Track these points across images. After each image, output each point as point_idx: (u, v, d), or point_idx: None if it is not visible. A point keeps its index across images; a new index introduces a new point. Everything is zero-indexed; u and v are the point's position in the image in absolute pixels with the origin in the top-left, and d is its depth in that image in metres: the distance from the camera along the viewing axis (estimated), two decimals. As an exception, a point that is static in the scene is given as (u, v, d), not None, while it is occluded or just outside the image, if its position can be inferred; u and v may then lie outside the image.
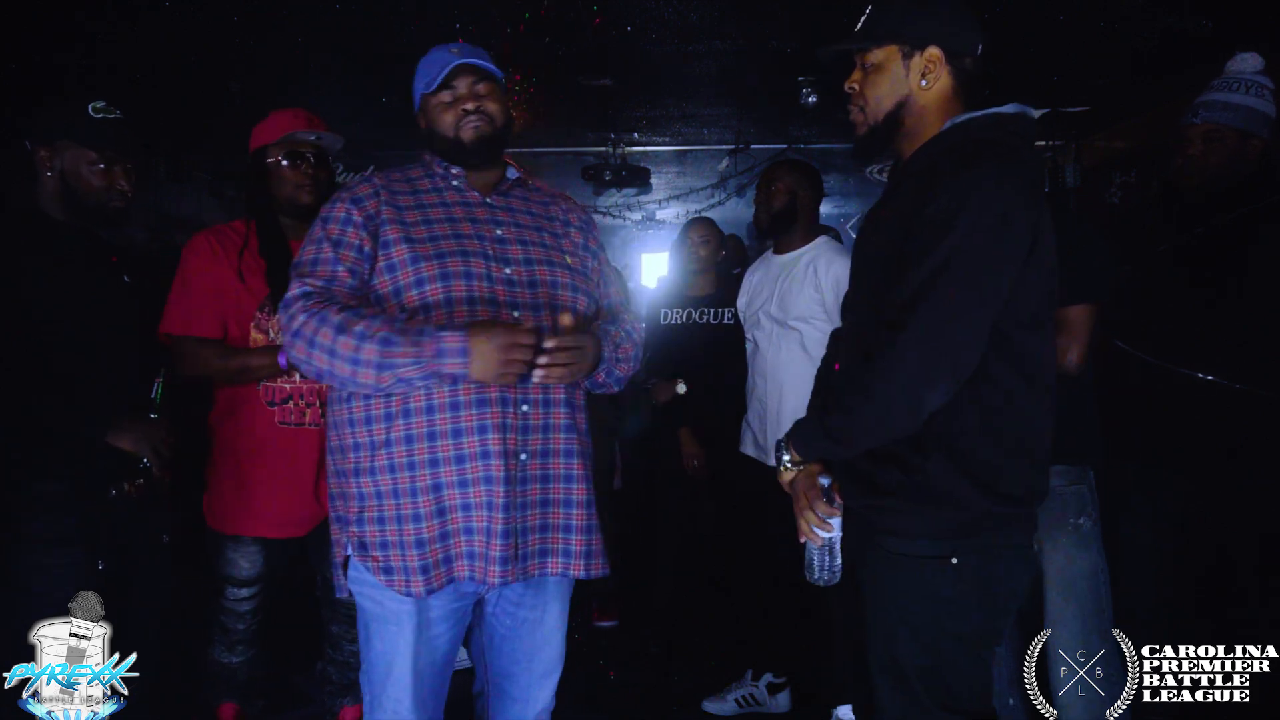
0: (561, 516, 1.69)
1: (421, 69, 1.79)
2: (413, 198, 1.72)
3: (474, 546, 1.61)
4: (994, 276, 1.38)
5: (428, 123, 1.78)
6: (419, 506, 1.61)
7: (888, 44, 1.53)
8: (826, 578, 1.60)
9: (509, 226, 1.75)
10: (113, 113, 2.00)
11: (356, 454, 1.66)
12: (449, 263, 1.63)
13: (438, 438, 1.60)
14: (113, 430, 1.94)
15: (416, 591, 1.61)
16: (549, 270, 1.73)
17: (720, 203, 7.48)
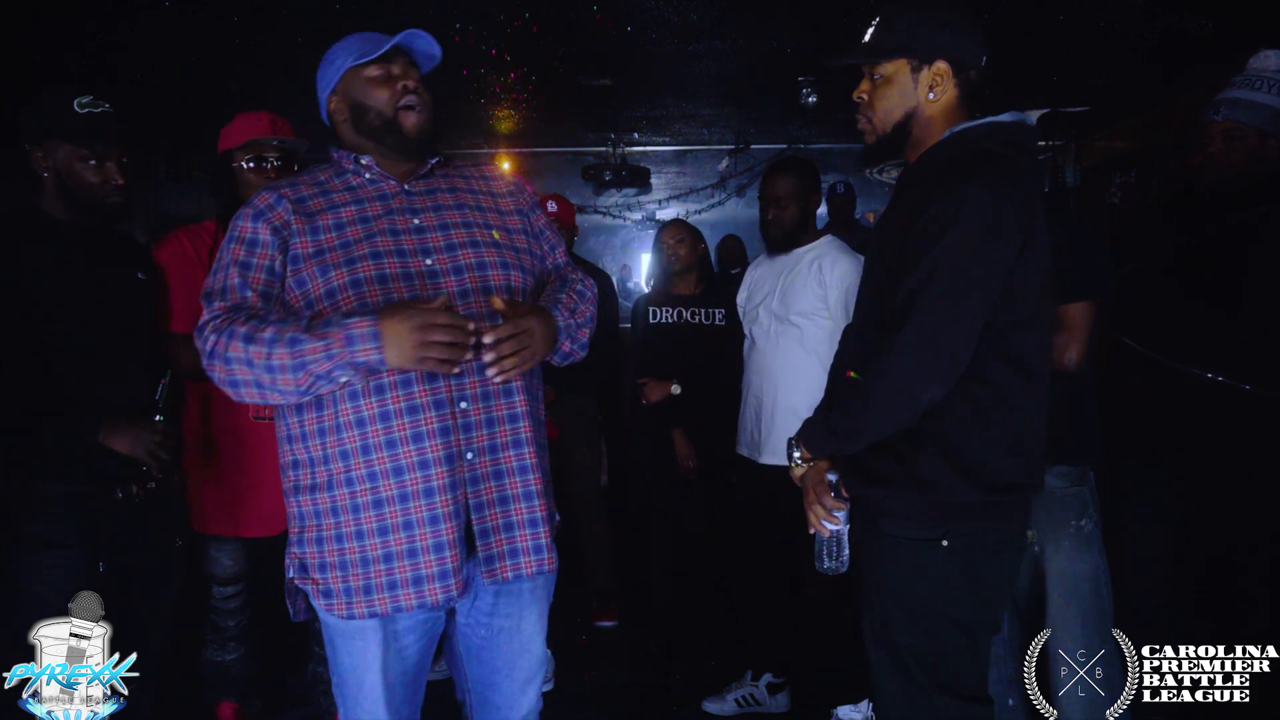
0: (525, 511, 1.61)
1: (345, 44, 1.70)
2: (323, 199, 1.62)
3: (420, 570, 1.53)
4: (984, 280, 1.45)
5: (351, 99, 1.66)
6: (361, 523, 1.54)
7: (897, 58, 1.58)
8: (834, 567, 1.69)
9: (428, 213, 1.64)
10: (99, 106, 1.97)
11: (296, 472, 1.60)
12: (359, 268, 1.54)
13: (372, 450, 1.52)
14: (106, 433, 1.93)
15: (359, 614, 1.55)
16: (474, 252, 1.62)
17: (720, 203, 7.48)
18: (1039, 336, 1.58)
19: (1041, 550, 2.07)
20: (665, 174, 7.38)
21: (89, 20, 3.40)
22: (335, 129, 1.72)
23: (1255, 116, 2.15)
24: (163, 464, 1.99)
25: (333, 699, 2.57)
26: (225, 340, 1.48)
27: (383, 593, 1.54)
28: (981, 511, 1.54)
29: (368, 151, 1.68)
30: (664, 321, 3.42)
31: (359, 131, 1.67)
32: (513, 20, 3.65)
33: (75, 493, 1.94)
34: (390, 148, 1.66)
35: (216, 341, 1.49)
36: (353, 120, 1.67)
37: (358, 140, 1.68)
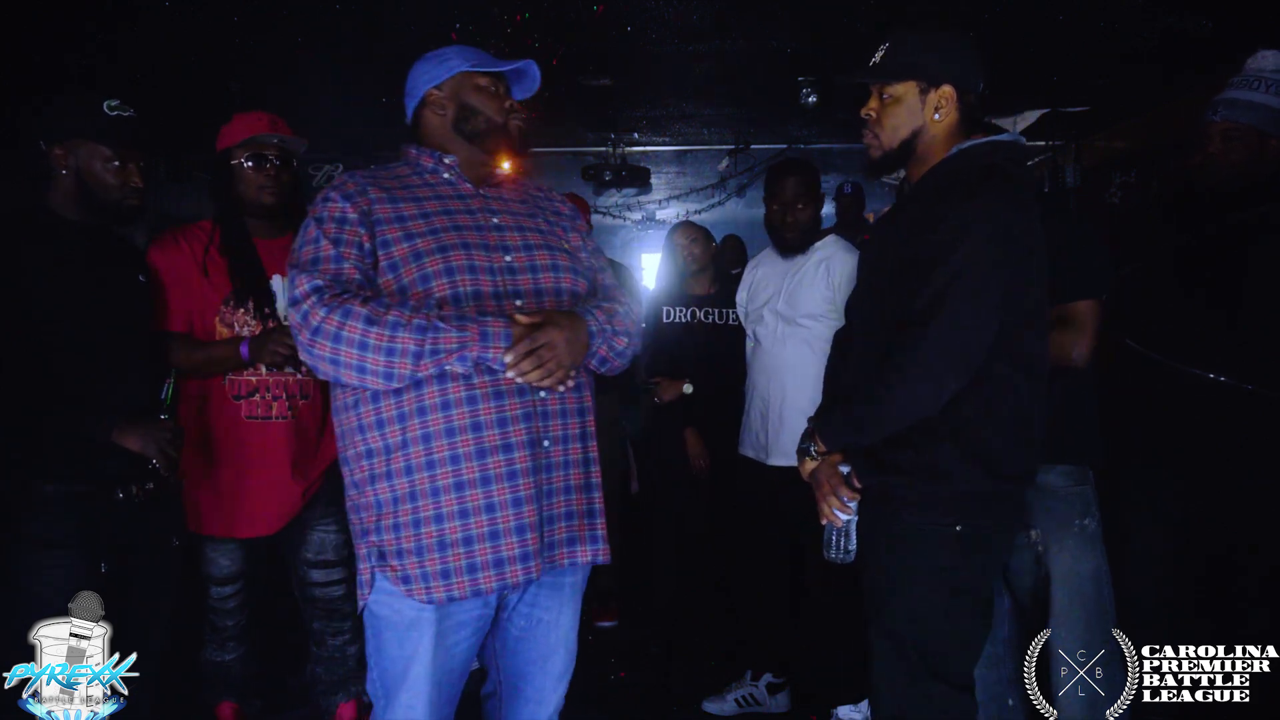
0: (584, 502, 1.69)
1: (460, 49, 1.77)
2: (405, 192, 1.69)
3: (500, 552, 1.57)
4: (1000, 282, 1.58)
5: (459, 100, 1.75)
6: (441, 507, 1.56)
7: (908, 80, 1.69)
8: (842, 557, 1.78)
9: (505, 214, 1.74)
10: (126, 110, 2.01)
11: (370, 460, 1.62)
12: (451, 256, 1.61)
13: (456, 433, 1.56)
14: (118, 431, 1.93)
15: (438, 598, 1.57)
16: (548, 254, 1.72)
17: (720, 203, 7.48)
18: (1038, 336, 1.69)
19: (1045, 550, 2.07)
20: (665, 174, 7.38)
21: (89, 20, 3.40)
22: (423, 121, 1.79)
23: (1254, 116, 2.16)
24: (171, 462, 2.00)
25: (331, 697, 2.62)
26: (340, 319, 1.50)
27: (461, 576, 1.57)
28: (990, 500, 1.65)
29: (455, 151, 1.76)
30: (677, 321, 3.42)
31: (456, 130, 1.76)
32: (512, 19, 3.65)
33: (75, 493, 1.94)
34: (490, 150, 1.77)
35: (327, 318, 1.50)
36: (455, 118, 1.75)
37: (449, 137, 1.76)
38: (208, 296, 2.31)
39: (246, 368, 2.31)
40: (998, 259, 1.57)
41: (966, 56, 1.72)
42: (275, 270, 2.37)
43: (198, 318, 2.32)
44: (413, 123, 1.82)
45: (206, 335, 2.32)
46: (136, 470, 1.99)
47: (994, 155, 1.67)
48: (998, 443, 1.63)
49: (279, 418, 2.35)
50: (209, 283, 2.31)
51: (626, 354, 1.76)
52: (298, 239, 1.65)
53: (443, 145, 1.77)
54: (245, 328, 2.31)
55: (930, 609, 1.66)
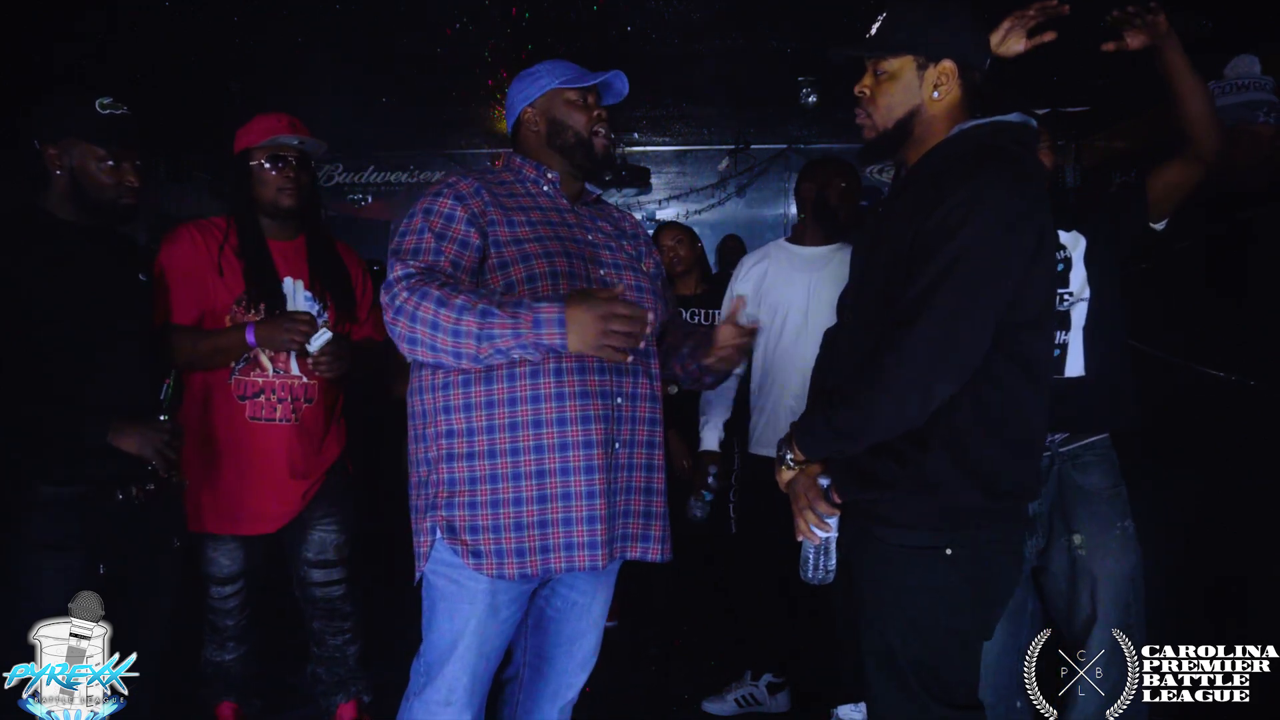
0: (643, 503, 1.78)
1: (551, 65, 1.85)
2: (512, 199, 1.78)
3: (572, 537, 1.66)
4: (999, 277, 1.42)
5: (550, 116, 1.83)
6: (521, 490, 1.65)
7: (904, 54, 1.54)
8: (821, 576, 1.63)
9: (596, 232, 1.84)
10: (120, 108, 1.98)
11: (450, 440, 1.69)
12: (556, 261, 1.70)
13: (543, 425, 1.65)
14: (114, 432, 1.93)
15: (509, 574, 1.65)
16: (634, 275, 1.83)
17: (720, 203, 7.48)
18: (1043, 339, 1.55)
19: (1089, 554, 2.02)
20: (665, 174, 7.38)
21: (89, 20, 3.40)
22: (521, 138, 1.88)
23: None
24: (170, 463, 1.99)
25: (331, 697, 2.61)
26: (417, 299, 1.57)
27: (535, 555, 1.66)
28: (985, 517, 1.50)
29: (553, 166, 1.84)
30: None
31: (550, 145, 1.84)
32: (513, 19, 3.66)
33: (75, 494, 1.93)
34: (577, 164, 1.84)
35: (408, 299, 1.57)
36: (547, 134, 1.83)
37: (545, 153, 1.85)
38: (221, 295, 2.31)
39: (250, 354, 2.31)
40: (997, 250, 1.41)
41: (971, 30, 1.56)
42: (288, 272, 2.37)
43: (209, 315, 2.32)
44: (513, 140, 1.91)
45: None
46: (136, 471, 1.99)
47: (998, 137, 1.51)
48: (996, 454, 1.47)
49: (283, 420, 2.36)
50: (223, 282, 2.31)
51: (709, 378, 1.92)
52: (401, 227, 1.72)
53: (541, 160, 1.85)
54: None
55: (924, 634, 1.51)
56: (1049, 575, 2.07)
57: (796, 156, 6.36)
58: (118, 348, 2.01)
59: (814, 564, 1.63)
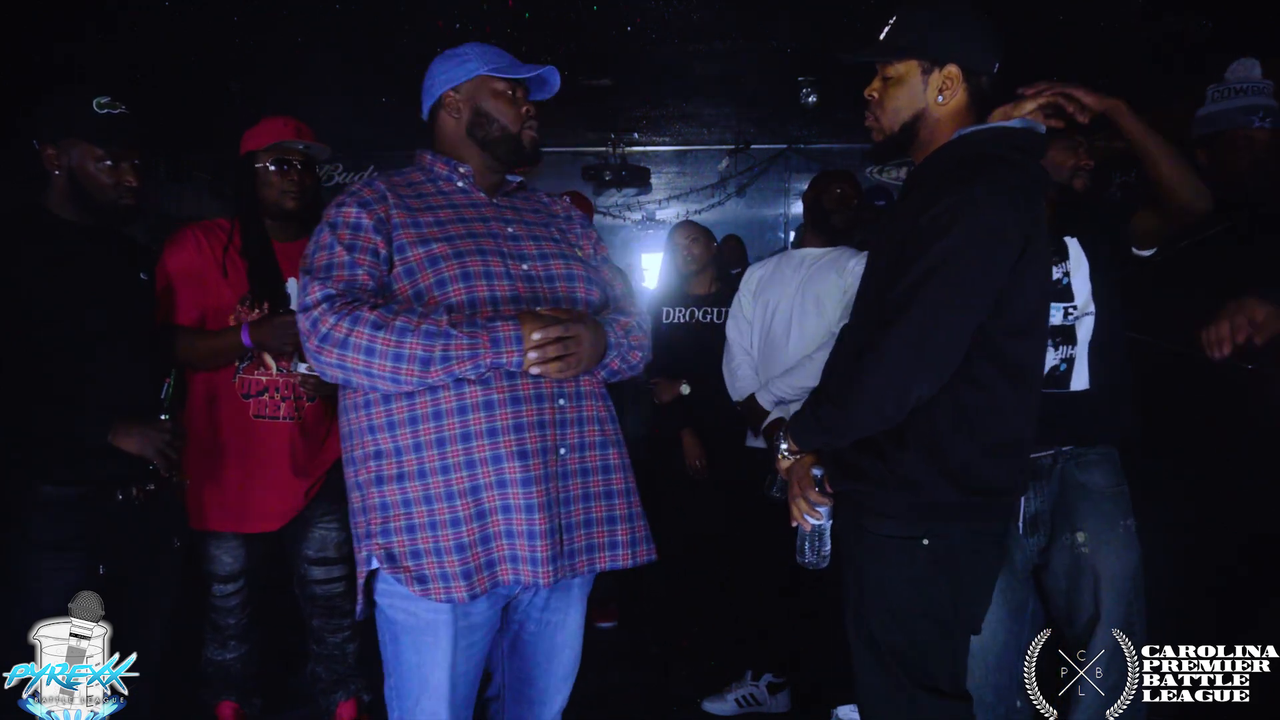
0: (604, 509, 1.67)
1: (481, 49, 1.73)
2: (419, 200, 1.67)
3: (516, 550, 1.56)
4: (980, 282, 1.46)
5: (474, 106, 1.72)
6: (457, 510, 1.55)
7: (909, 58, 1.57)
8: (815, 561, 1.72)
9: (519, 224, 1.72)
10: (117, 107, 1.98)
11: (379, 461, 1.59)
12: (469, 262, 1.60)
13: (472, 439, 1.55)
14: (115, 432, 1.93)
15: (459, 597, 1.55)
16: (563, 263, 1.71)
17: (720, 203, 7.48)
18: (1035, 344, 1.59)
19: (1093, 552, 2.01)
20: (665, 174, 7.39)
21: (89, 20, 3.41)
22: (438, 122, 1.76)
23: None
24: (171, 462, 1.99)
25: (330, 696, 2.61)
26: (348, 325, 1.49)
27: (481, 573, 1.56)
28: (961, 512, 1.54)
29: (468, 158, 1.73)
30: (677, 321, 3.41)
31: (470, 135, 1.73)
32: (513, 19, 3.66)
33: (76, 495, 1.93)
34: (501, 158, 1.74)
35: (336, 325, 1.49)
36: (469, 124, 1.72)
37: (463, 143, 1.74)
38: (225, 295, 2.33)
39: (249, 354, 2.33)
40: (981, 255, 1.44)
41: (977, 34, 1.58)
42: (291, 273, 2.39)
43: (213, 315, 2.34)
44: (428, 123, 1.79)
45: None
46: (136, 471, 1.99)
47: (996, 143, 1.54)
48: (973, 455, 1.51)
49: (286, 418, 2.38)
50: (227, 282, 2.33)
51: (638, 368, 1.76)
52: (311, 243, 1.63)
53: (456, 150, 1.74)
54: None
55: (906, 622, 1.57)
56: (1050, 574, 2.07)
57: (796, 156, 6.37)
58: (118, 347, 2.01)
59: (809, 549, 1.72)
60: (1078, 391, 2.01)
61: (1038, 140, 1.60)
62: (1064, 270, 2.01)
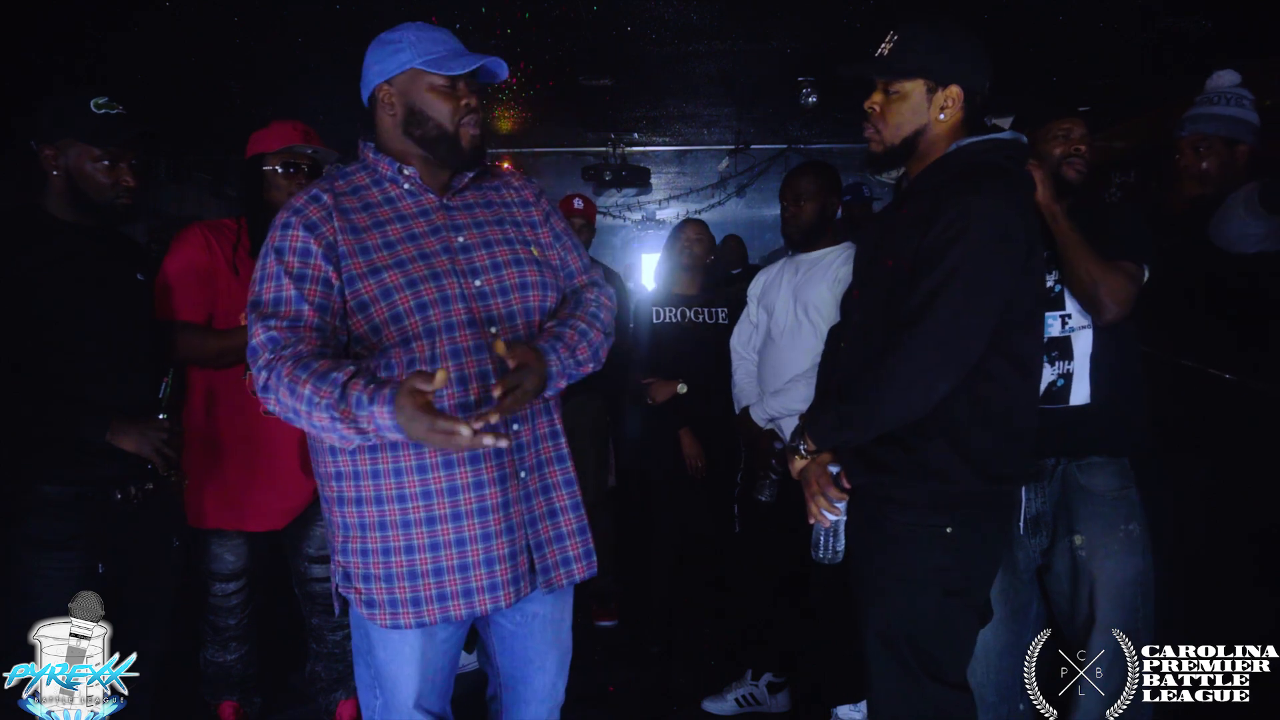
0: (575, 521, 1.71)
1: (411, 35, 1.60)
2: (366, 214, 1.59)
3: (470, 583, 1.57)
4: (994, 284, 1.56)
5: (406, 102, 1.60)
6: (412, 538, 1.56)
7: (916, 78, 1.66)
8: (830, 556, 1.79)
9: (470, 230, 1.64)
10: (115, 108, 1.99)
11: (339, 483, 1.59)
12: (423, 290, 1.54)
13: (429, 470, 1.55)
14: (112, 431, 1.93)
15: (406, 623, 1.57)
16: (518, 271, 1.65)
17: (720, 203, 7.49)
18: (1034, 338, 1.68)
19: (1090, 556, 2.00)
20: (665, 174, 7.39)
21: (89, 21, 3.40)
22: (376, 118, 1.65)
23: (1219, 127, 2.37)
24: (168, 461, 2.00)
25: (331, 695, 2.62)
26: (275, 380, 1.45)
27: (432, 605, 1.57)
28: (982, 500, 1.64)
29: (409, 157, 1.64)
30: (668, 321, 3.42)
31: (407, 134, 1.62)
32: (513, 19, 3.66)
33: (74, 494, 1.94)
34: (440, 158, 1.63)
35: (268, 378, 1.46)
36: (404, 121, 1.61)
37: (400, 141, 1.63)
38: (237, 292, 2.34)
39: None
40: (995, 258, 1.55)
41: (976, 56, 1.68)
42: None
43: (224, 312, 2.35)
44: (368, 116, 1.67)
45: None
46: (135, 471, 1.99)
47: (994, 153, 1.65)
48: (989, 443, 1.61)
49: None
50: (239, 281, 2.35)
51: (591, 364, 1.69)
52: (257, 270, 1.56)
53: (397, 147, 1.64)
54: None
55: (924, 610, 1.64)
56: (1052, 575, 2.07)
57: (796, 156, 6.36)
58: (116, 347, 2.01)
59: (824, 545, 1.78)
60: (1078, 406, 1.99)
61: (1024, 150, 1.73)
62: (1056, 277, 1.99)
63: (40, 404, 1.91)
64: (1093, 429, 1.99)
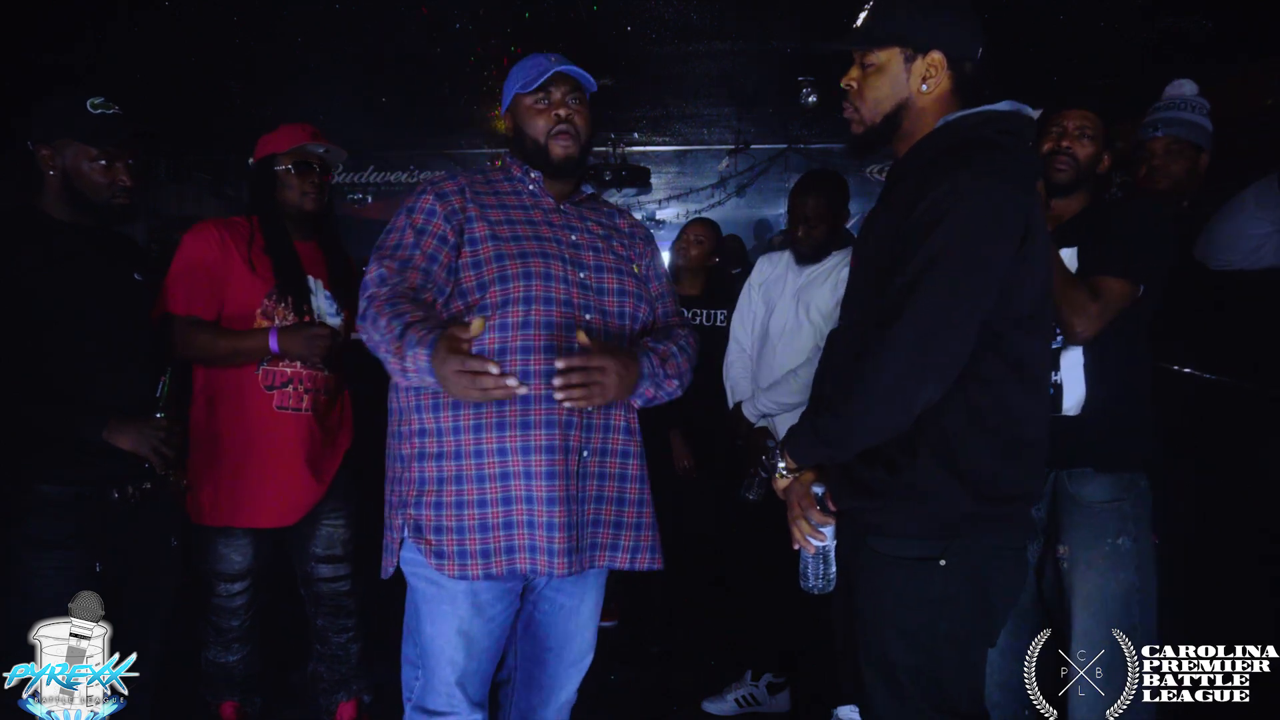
0: (614, 514, 1.74)
1: (518, 69, 1.82)
2: (495, 197, 1.77)
3: (535, 540, 1.64)
4: (983, 271, 1.36)
5: (515, 123, 1.81)
6: (485, 492, 1.65)
7: (890, 46, 1.48)
8: (821, 585, 1.60)
9: (582, 233, 1.80)
10: (111, 108, 1.99)
11: (422, 439, 1.69)
12: (532, 262, 1.68)
13: (506, 428, 1.64)
14: (109, 430, 1.93)
15: (474, 574, 1.63)
16: (618, 279, 1.78)
17: (720, 203, 7.49)
18: (1039, 338, 1.49)
19: (1071, 567, 1.97)
20: (665, 174, 7.39)
21: (88, 21, 3.41)
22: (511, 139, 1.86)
23: (1189, 133, 2.38)
24: (166, 460, 1.99)
25: (332, 696, 2.61)
26: (368, 309, 1.60)
27: (499, 556, 1.64)
28: (981, 524, 1.44)
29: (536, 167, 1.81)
30: None
31: (516, 149, 1.83)
32: (512, 19, 3.66)
33: (72, 493, 1.93)
34: (542, 170, 1.80)
35: (366, 308, 1.61)
36: (514, 140, 1.83)
37: (521, 154, 1.83)
38: (253, 290, 2.35)
39: (271, 359, 2.34)
40: (981, 243, 1.35)
41: (961, 19, 1.49)
42: (309, 272, 2.45)
43: (239, 309, 2.35)
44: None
45: (245, 325, 2.35)
46: (133, 470, 1.99)
47: (985, 128, 1.44)
48: (985, 458, 1.41)
49: (307, 410, 2.40)
50: (256, 277, 2.35)
51: (675, 393, 1.82)
52: (389, 225, 1.73)
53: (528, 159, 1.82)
54: (284, 321, 2.36)
55: (923, 645, 1.46)
56: (1045, 581, 2.07)
57: (796, 156, 6.37)
58: (114, 347, 2.01)
59: (813, 573, 1.60)
60: (1069, 417, 1.95)
61: (1027, 123, 1.51)
62: None
63: (38, 404, 1.91)
64: (1083, 441, 1.94)
